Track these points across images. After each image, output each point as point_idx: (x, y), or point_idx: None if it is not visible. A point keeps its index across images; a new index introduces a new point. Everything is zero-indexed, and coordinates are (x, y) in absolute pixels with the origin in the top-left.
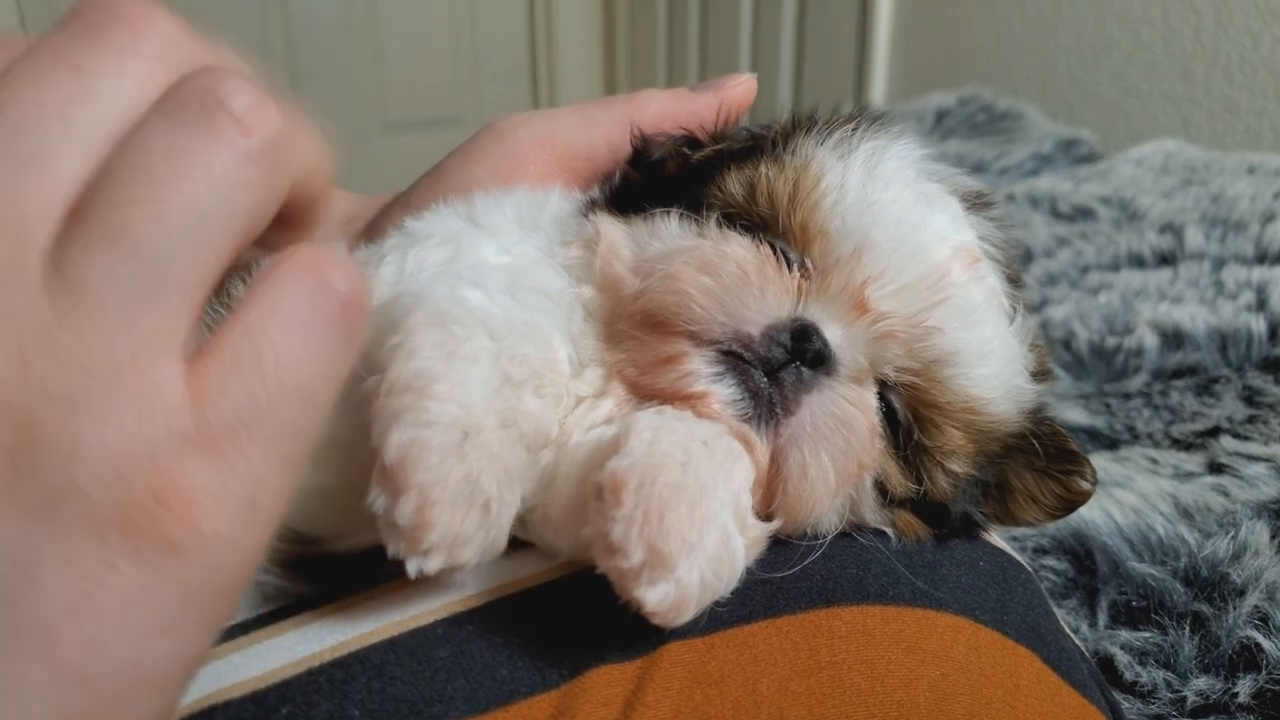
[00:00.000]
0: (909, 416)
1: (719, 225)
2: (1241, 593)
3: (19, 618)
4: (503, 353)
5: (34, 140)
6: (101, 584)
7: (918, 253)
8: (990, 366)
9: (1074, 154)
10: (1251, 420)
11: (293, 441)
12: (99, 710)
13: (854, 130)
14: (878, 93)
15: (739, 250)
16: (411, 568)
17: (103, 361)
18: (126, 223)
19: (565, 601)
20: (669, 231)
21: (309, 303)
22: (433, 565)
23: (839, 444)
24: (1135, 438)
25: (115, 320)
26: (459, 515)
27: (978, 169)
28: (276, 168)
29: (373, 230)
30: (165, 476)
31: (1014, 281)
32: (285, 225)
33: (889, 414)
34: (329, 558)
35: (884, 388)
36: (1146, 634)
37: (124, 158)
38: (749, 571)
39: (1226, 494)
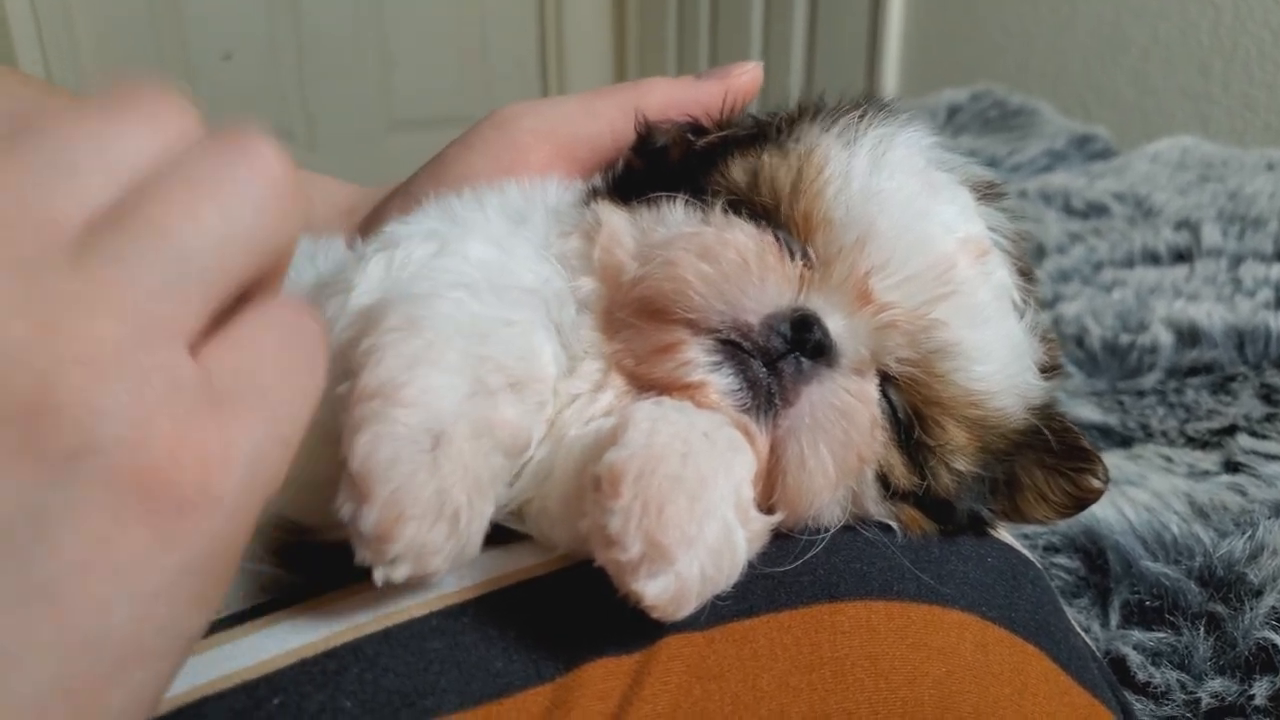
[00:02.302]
0: (910, 414)
1: (724, 212)
2: (1259, 593)
3: (31, 574)
4: (476, 358)
5: (69, 155)
6: (112, 544)
7: (923, 243)
8: (995, 362)
9: (1088, 150)
10: (1269, 419)
11: (287, 423)
12: (97, 675)
13: (860, 118)
14: (890, 89)
15: (740, 237)
16: (378, 576)
17: (129, 329)
18: (163, 218)
19: (562, 594)
20: (673, 218)
21: (295, 320)
22: (399, 574)
23: (839, 436)
24: (1149, 436)
25: (142, 297)
26: (425, 525)
27: (990, 165)
28: (296, 209)
29: (373, 221)
30: (181, 437)
31: (1025, 274)
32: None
33: (890, 410)
34: (323, 548)
35: (885, 383)
36: (1160, 634)
37: (168, 170)
38: (750, 565)
39: (1243, 493)
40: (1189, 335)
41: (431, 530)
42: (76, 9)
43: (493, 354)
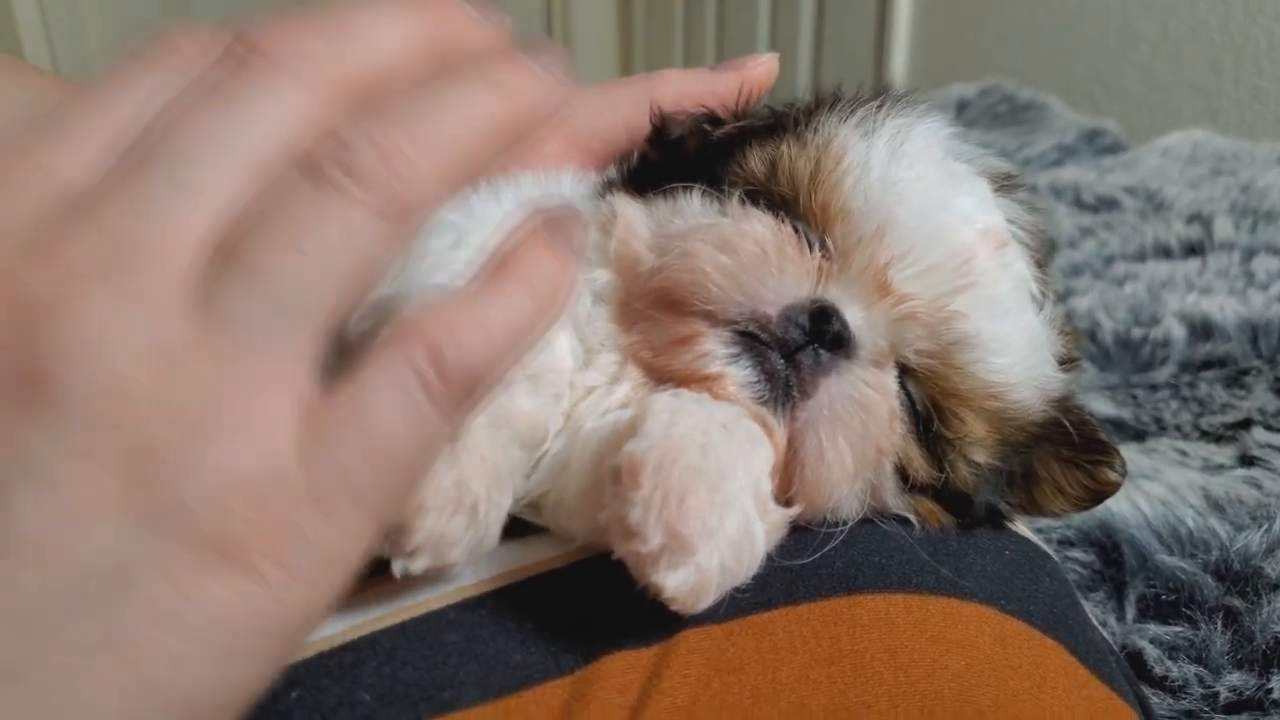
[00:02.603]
0: (928, 406)
1: (741, 203)
2: (1276, 587)
3: (111, 619)
4: None
5: (191, 167)
6: (190, 600)
7: (943, 234)
8: (1014, 354)
9: (1098, 145)
10: None
11: (384, 501)
12: None
13: (878, 108)
14: (898, 83)
15: (758, 228)
16: (397, 568)
17: (229, 389)
18: (266, 262)
19: (580, 586)
20: (690, 209)
21: (419, 380)
22: (418, 566)
23: (857, 428)
24: (1163, 429)
25: (245, 353)
26: (444, 517)
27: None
28: (404, 225)
29: None
30: (264, 508)
31: (1041, 266)
32: None
33: (909, 402)
34: None
35: (904, 375)
36: (1177, 628)
37: (271, 201)
38: (769, 558)
39: (1259, 486)
40: (1202, 329)
41: (450, 521)
42: (85, 7)
43: None
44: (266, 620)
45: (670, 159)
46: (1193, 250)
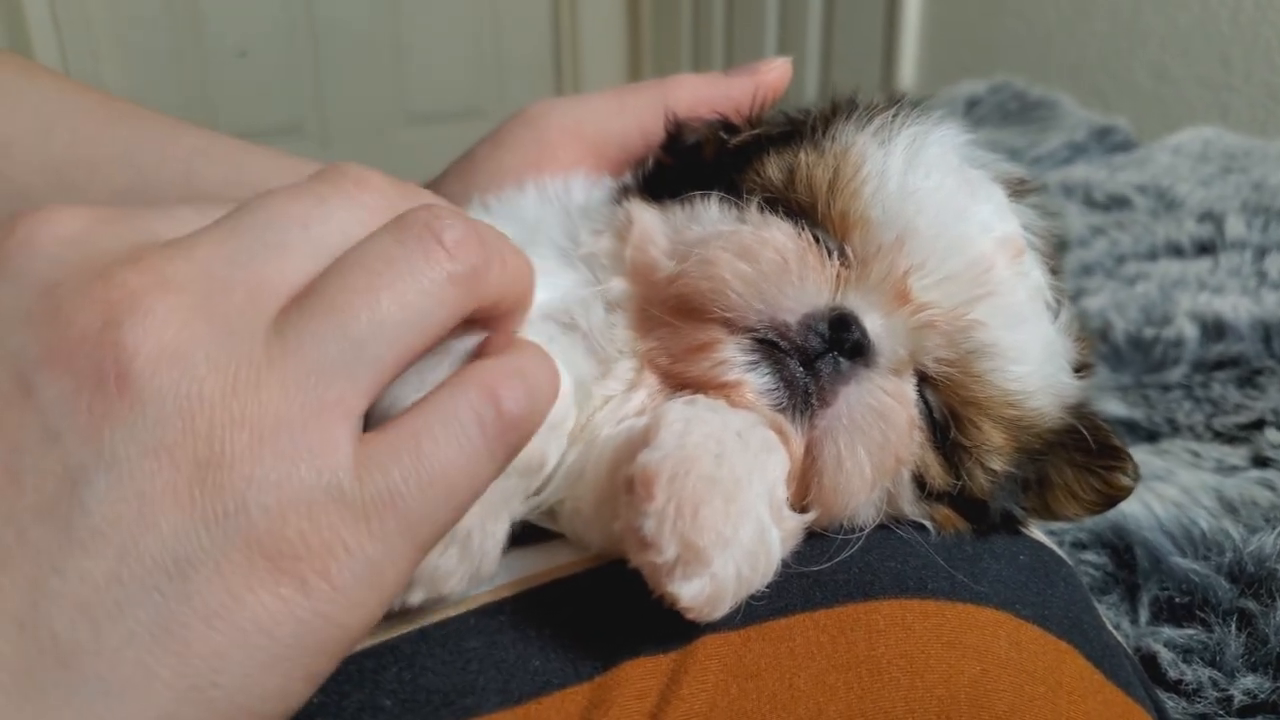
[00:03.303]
0: (946, 414)
1: (760, 210)
2: None
3: (165, 612)
4: None
5: (278, 234)
6: (240, 602)
7: (961, 243)
8: (1031, 362)
9: (1109, 142)
10: None
11: (428, 530)
12: None
13: (895, 116)
14: (907, 81)
15: (779, 237)
16: (394, 601)
17: (294, 410)
18: (345, 305)
19: (598, 593)
20: (708, 215)
21: (476, 417)
22: (414, 599)
23: (876, 437)
24: (1175, 430)
25: (314, 379)
26: (436, 552)
27: (1010, 158)
28: (472, 291)
29: None
30: (316, 522)
31: (1055, 272)
32: (486, 324)
33: (927, 410)
34: None
35: (922, 383)
36: (1190, 631)
37: (353, 256)
38: (785, 564)
39: (1273, 488)
40: (1214, 328)
41: (443, 556)
42: (94, 6)
43: None
44: (308, 632)
45: (686, 165)
46: (1204, 249)
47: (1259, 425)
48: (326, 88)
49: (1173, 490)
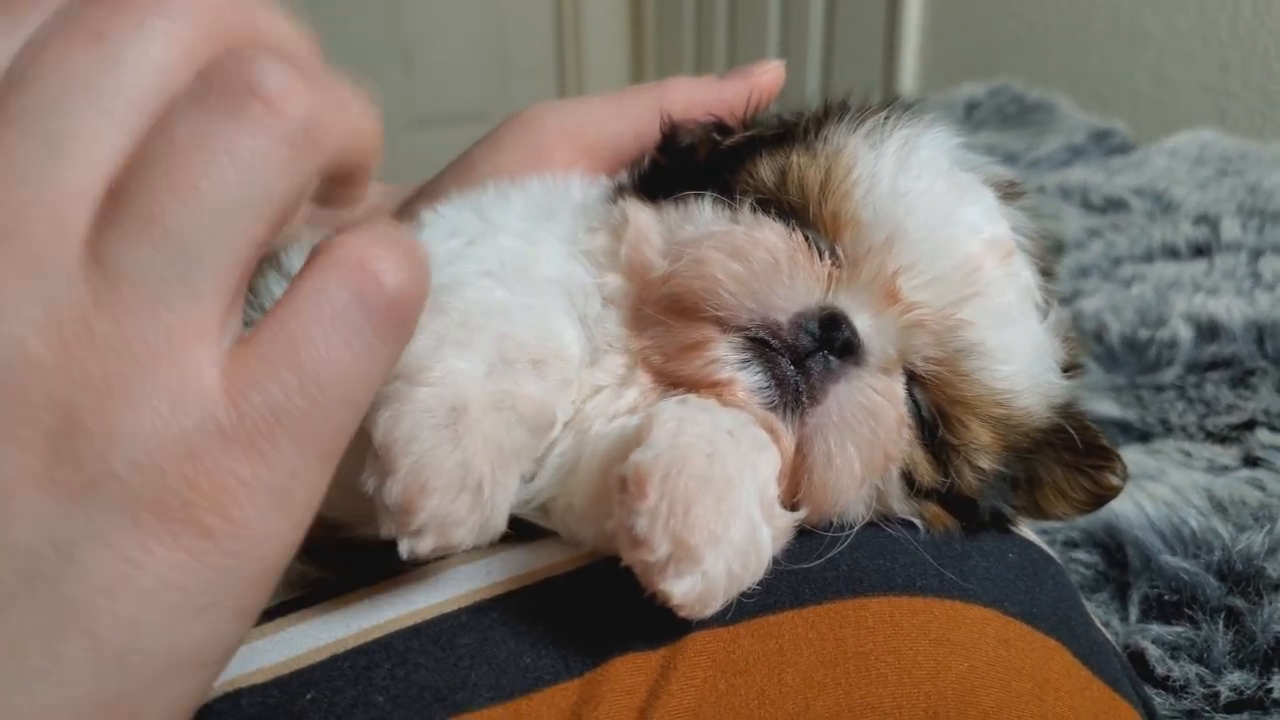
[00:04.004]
0: (934, 413)
1: (753, 211)
2: (1277, 587)
3: (58, 596)
4: (497, 336)
5: (64, 118)
6: (137, 565)
7: (950, 244)
8: (1019, 362)
9: (1107, 145)
10: None
11: (330, 438)
12: (135, 690)
13: (886, 119)
14: (907, 84)
15: (770, 236)
16: (403, 548)
17: (139, 349)
18: (159, 211)
19: (589, 590)
20: (701, 216)
21: (354, 300)
22: (424, 546)
23: (865, 434)
24: (1168, 430)
25: (150, 308)
26: (449, 497)
27: (1008, 160)
28: (308, 149)
29: (399, 220)
30: (198, 463)
31: (1046, 274)
32: (336, 184)
33: (915, 409)
34: (353, 543)
35: (911, 382)
36: (1179, 628)
37: (156, 143)
38: (775, 561)
39: (1263, 488)
40: (1208, 330)
41: (455, 502)
42: None
43: (514, 332)
44: (223, 574)
45: (680, 166)
46: (1200, 251)
47: (1250, 425)
48: None
49: (1164, 489)
